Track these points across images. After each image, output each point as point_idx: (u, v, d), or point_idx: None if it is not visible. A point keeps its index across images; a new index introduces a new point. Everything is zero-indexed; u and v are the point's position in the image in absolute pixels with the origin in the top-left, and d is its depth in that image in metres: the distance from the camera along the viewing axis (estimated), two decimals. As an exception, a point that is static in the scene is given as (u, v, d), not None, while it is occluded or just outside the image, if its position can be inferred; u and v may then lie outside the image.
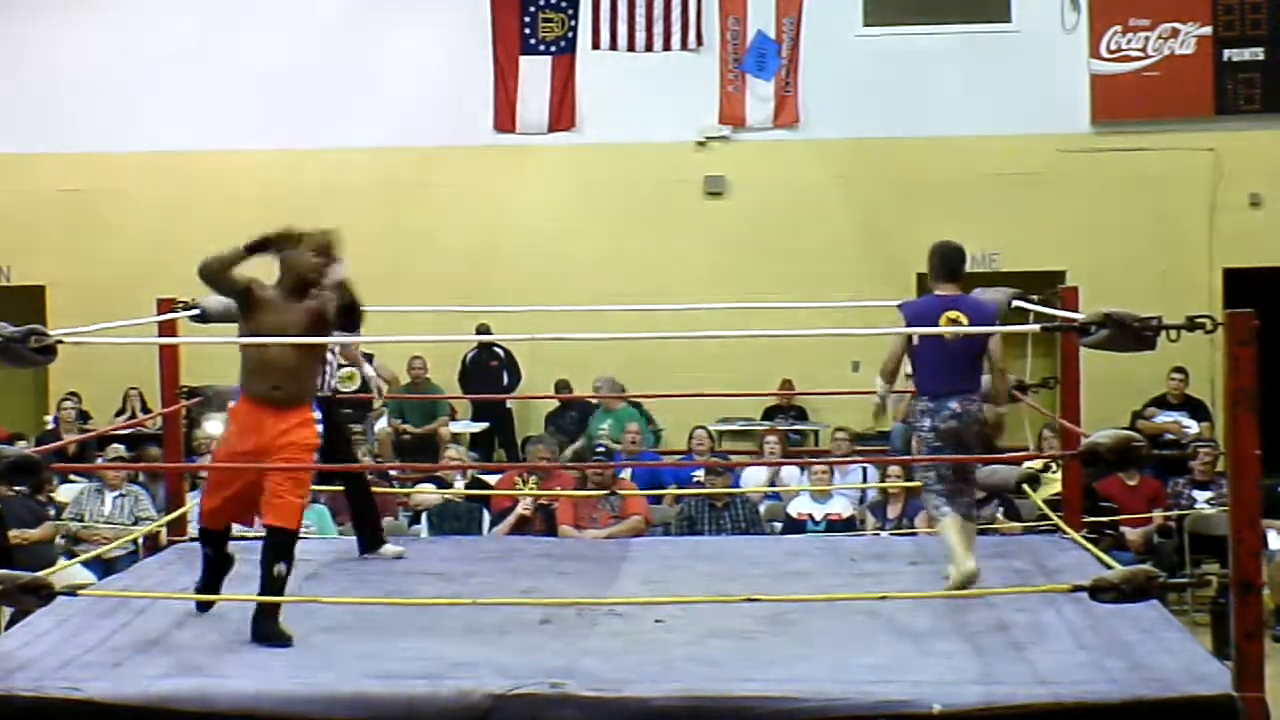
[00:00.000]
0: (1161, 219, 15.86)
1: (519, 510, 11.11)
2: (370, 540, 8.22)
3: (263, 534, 6.53)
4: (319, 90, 16.15)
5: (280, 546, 6.40)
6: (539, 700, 5.49)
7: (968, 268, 16.72)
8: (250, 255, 6.68)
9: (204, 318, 8.33)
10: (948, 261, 7.54)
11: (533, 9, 16.03)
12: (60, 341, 6.20)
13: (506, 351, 15.29)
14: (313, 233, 6.87)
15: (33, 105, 16.22)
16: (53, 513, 11.39)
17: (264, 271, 6.76)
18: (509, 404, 15.55)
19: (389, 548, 8.24)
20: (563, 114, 16.12)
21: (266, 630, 6.29)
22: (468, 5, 16.02)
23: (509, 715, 5.46)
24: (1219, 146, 15.78)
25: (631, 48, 15.94)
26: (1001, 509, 11.14)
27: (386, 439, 14.54)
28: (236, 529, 7.64)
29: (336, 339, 7.62)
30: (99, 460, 13.18)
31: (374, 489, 11.86)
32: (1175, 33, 15.79)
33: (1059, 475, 9.33)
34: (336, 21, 16.31)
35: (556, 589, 7.30)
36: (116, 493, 11.44)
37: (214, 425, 13.88)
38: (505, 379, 15.42)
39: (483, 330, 13.49)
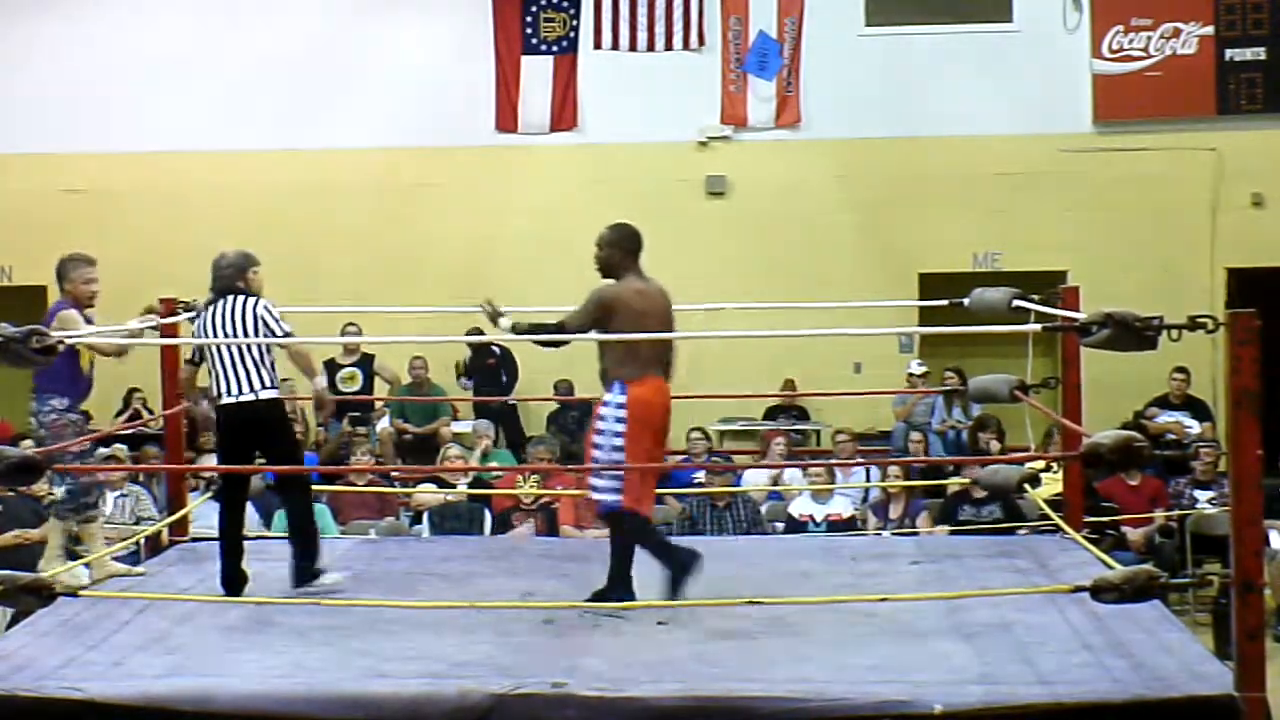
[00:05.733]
0: (1163, 219, 15.85)
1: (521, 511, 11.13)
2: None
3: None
4: (320, 90, 16.14)
5: None
6: (540, 700, 5.50)
7: (971, 267, 16.81)
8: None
9: (204, 318, 8.31)
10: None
11: (534, 9, 16.02)
12: (61, 342, 6.21)
13: (503, 349, 15.27)
14: None
15: (33, 105, 16.21)
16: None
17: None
18: (511, 401, 15.50)
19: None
20: (564, 114, 16.11)
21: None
22: (469, 5, 16.02)
23: (510, 715, 5.46)
24: (1221, 146, 15.76)
25: (633, 47, 15.94)
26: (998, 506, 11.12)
27: (388, 439, 14.54)
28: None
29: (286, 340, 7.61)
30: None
31: (375, 489, 11.94)
32: (1177, 32, 15.78)
33: (1060, 475, 9.32)
34: (338, 21, 16.31)
35: (558, 589, 7.30)
36: (118, 493, 11.43)
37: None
38: (504, 376, 15.39)
39: (475, 333, 13.47)
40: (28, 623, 6.61)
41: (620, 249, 7.18)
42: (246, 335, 7.34)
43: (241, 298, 7.52)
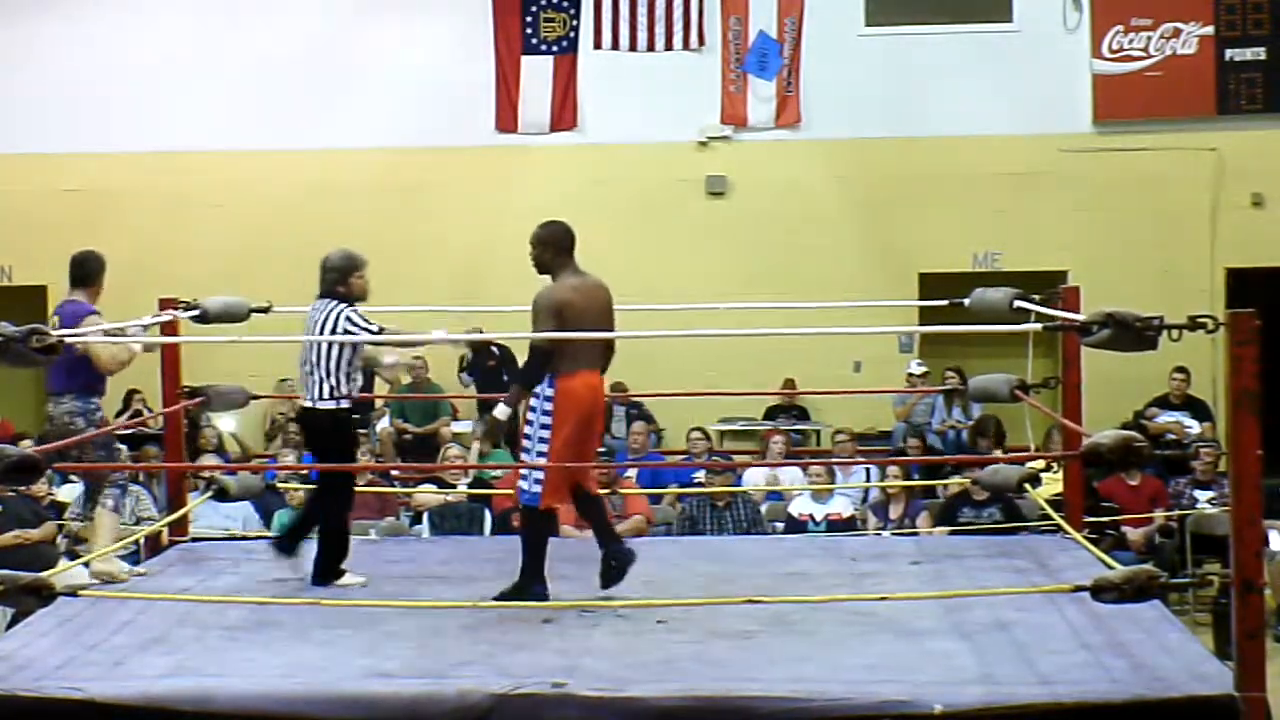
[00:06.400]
0: (1163, 219, 15.86)
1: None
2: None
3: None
4: (320, 90, 16.15)
5: None
6: (540, 700, 5.49)
7: (971, 267, 16.79)
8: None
9: (204, 318, 8.34)
10: (82, 269, 8.01)
11: (534, 9, 16.02)
12: (61, 341, 6.21)
13: (502, 349, 15.26)
14: None
15: (33, 105, 16.22)
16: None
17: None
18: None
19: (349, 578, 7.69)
20: (564, 114, 16.11)
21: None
22: (469, 5, 16.01)
23: (510, 715, 5.46)
24: (1221, 146, 15.77)
25: (633, 47, 15.94)
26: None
27: (388, 439, 14.54)
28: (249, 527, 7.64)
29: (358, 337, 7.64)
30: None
31: (375, 489, 11.91)
32: (1177, 32, 15.79)
33: (1060, 475, 9.33)
34: (338, 21, 16.31)
35: (558, 589, 7.29)
36: (118, 493, 11.40)
37: (226, 423, 13.98)
38: (505, 376, 15.36)
39: (475, 332, 13.50)
40: (28, 623, 6.61)
41: (553, 247, 7.19)
42: (325, 343, 7.46)
43: (333, 304, 7.55)
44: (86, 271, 8.07)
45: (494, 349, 15.27)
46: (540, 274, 7.22)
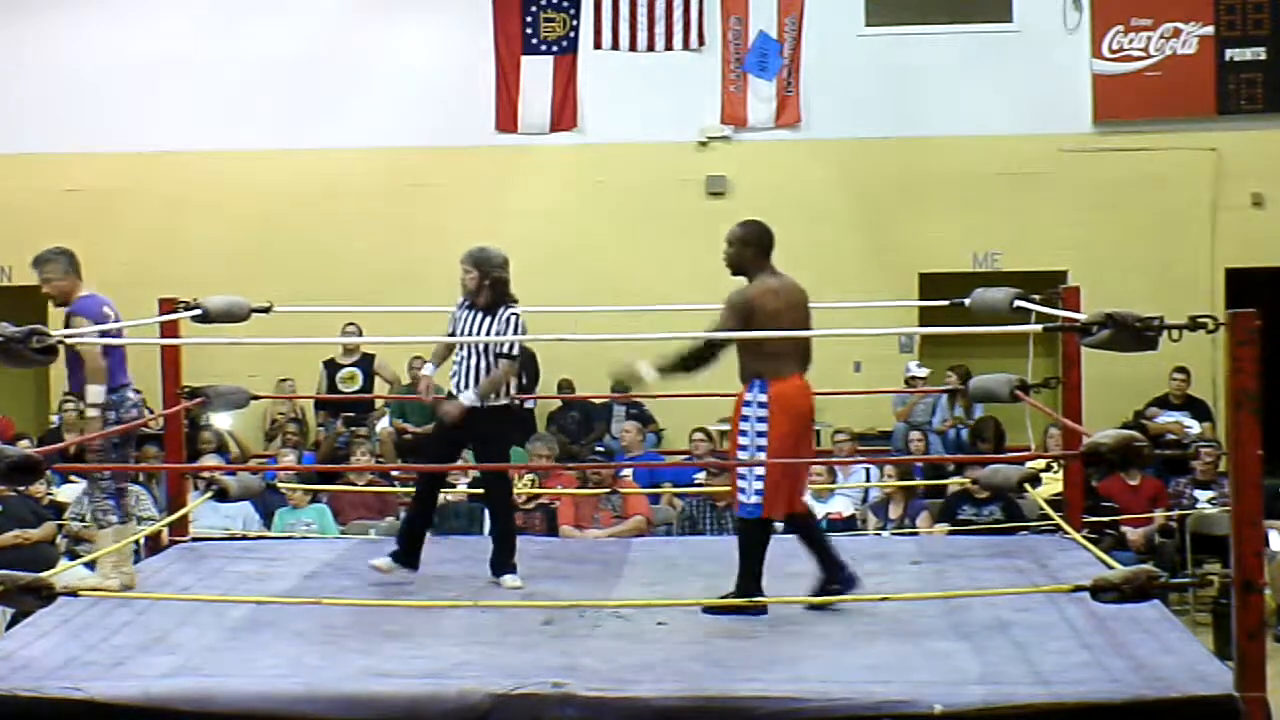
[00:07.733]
0: (1163, 219, 15.86)
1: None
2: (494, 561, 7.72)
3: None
4: (320, 90, 16.15)
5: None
6: (541, 700, 5.49)
7: (971, 267, 16.79)
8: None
9: (205, 318, 8.33)
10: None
11: (534, 9, 16.01)
12: (61, 342, 6.21)
13: (524, 349, 15.15)
14: None
15: (33, 105, 16.21)
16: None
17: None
18: (530, 404, 15.40)
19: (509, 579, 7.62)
20: (564, 114, 16.10)
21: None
22: (469, 5, 16.00)
23: (510, 715, 5.46)
24: (1221, 146, 15.77)
25: (633, 47, 15.93)
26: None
27: (388, 439, 14.53)
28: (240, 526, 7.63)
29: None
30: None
31: (375, 489, 11.91)
32: (1177, 32, 15.79)
33: (1060, 475, 9.33)
34: (337, 21, 16.31)
35: (558, 590, 7.30)
36: (117, 493, 11.39)
37: (222, 420, 13.97)
38: (524, 378, 15.33)
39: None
40: (28, 622, 6.61)
41: (754, 247, 7.09)
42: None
43: None
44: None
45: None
46: (734, 275, 7.10)
